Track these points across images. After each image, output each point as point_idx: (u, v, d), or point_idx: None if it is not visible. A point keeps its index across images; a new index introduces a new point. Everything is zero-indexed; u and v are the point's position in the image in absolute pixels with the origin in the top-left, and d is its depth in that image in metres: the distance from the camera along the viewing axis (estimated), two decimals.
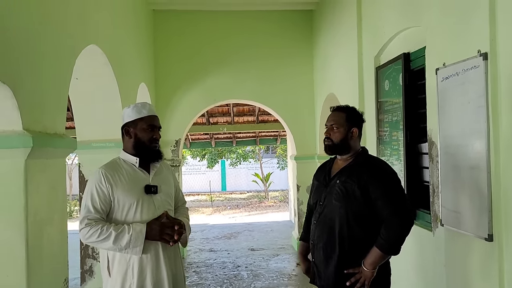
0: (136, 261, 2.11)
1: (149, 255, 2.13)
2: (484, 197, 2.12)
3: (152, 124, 2.23)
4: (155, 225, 2.12)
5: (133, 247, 2.07)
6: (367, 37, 4.02)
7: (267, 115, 9.59)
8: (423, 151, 3.07)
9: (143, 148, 2.22)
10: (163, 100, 6.26)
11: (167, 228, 2.13)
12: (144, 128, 2.21)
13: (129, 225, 2.09)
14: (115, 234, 2.04)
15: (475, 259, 2.27)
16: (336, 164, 2.35)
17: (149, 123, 2.22)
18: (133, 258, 2.11)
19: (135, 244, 2.07)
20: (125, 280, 2.11)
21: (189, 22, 6.33)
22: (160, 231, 2.11)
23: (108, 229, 2.05)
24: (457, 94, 2.36)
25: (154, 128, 2.24)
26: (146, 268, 2.12)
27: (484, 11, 2.10)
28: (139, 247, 2.07)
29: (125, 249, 2.08)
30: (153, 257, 2.14)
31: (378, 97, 3.73)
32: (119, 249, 2.08)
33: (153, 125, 2.23)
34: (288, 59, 6.50)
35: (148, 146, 2.21)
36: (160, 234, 2.11)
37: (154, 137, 2.23)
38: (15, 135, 2.04)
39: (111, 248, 2.08)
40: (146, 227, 2.09)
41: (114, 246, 2.06)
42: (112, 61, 3.67)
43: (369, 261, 2.11)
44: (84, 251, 4.03)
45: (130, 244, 2.06)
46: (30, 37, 2.19)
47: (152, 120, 2.24)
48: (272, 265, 6.04)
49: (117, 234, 2.05)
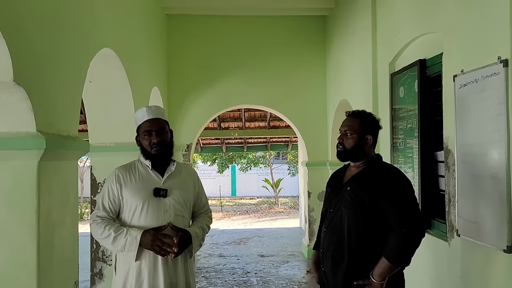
0: (135, 265, 2.14)
1: (147, 261, 2.14)
2: (504, 207, 2.05)
3: (148, 130, 2.22)
4: (149, 233, 2.10)
5: (128, 251, 2.11)
6: (382, 43, 3.98)
7: (278, 120, 9.57)
8: (438, 159, 3.01)
9: (147, 154, 2.24)
10: (175, 104, 6.27)
11: (159, 240, 2.09)
12: (143, 136, 2.24)
13: (128, 229, 2.12)
14: (114, 235, 2.10)
15: (493, 271, 2.20)
16: (349, 171, 2.30)
17: (145, 129, 2.23)
18: (132, 261, 2.13)
19: (129, 249, 2.10)
20: (127, 280, 2.16)
21: (202, 27, 6.35)
22: (152, 241, 2.09)
23: (110, 229, 2.11)
24: (475, 101, 2.31)
25: (151, 133, 2.22)
26: (144, 272, 2.14)
27: (505, 16, 2.05)
28: (133, 253, 2.10)
29: (121, 252, 2.13)
30: (151, 263, 2.14)
31: (393, 104, 3.68)
32: (116, 250, 2.15)
33: (149, 130, 2.22)
34: (301, 65, 6.47)
35: (149, 152, 2.22)
36: (151, 244, 2.09)
37: (152, 141, 2.21)
38: (29, 136, 2.03)
39: (111, 248, 2.16)
40: (141, 234, 2.09)
41: (112, 246, 2.13)
42: (125, 65, 3.68)
43: (377, 272, 2.04)
44: (94, 254, 4.03)
45: (125, 248, 2.10)
46: (45, 40, 2.20)
47: (146, 126, 2.23)
48: (282, 272, 5.98)
49: (115, 236, 2.10)
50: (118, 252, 2.15)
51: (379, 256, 2.05)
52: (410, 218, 2.04)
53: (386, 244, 2.04)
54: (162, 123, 2.27)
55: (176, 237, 2.12)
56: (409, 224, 2.03)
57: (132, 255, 2.10)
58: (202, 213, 2.43)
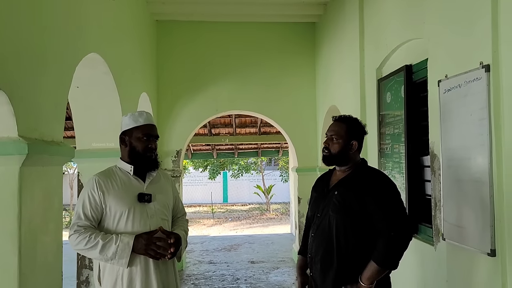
0: (126, 272, 2.07)
1: (138, 267, 2.08)
2: (487, 211, 2.07)
3: (148, 133, 2.19)
4: (142, 238, 2.06)
5: (119, 259, 2.02)
6: (369, 49, 4.01)
7: (269, 126, 9.58)
8: (425, 164, 3.03)
9: (138, 157, 2.19)
10: (164, 110, 6.25)
11: (153, 244, 2.06)
12: (139, 137, 2.18)
13: (117, 235, 2.05)
14: (102, 243, 2.01)
15: (478, 275, 2.21)
16: (334, 176, 2.31)
17: (145, 132, 2.18)
18: (122, 268, 2.06)
19: (121, 256, 2.02)
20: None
21: (192, 33, 6.35)
22: (146, 245, 2.05)
23: (96, 238, 2.02)
24: (459, 106, 2.33)
25: (150, 137, 2.20)
26: (136, 279, 2.07)
27: (487, 22, 2.08)
28: (125, 259, 2.02)
29: (111, 260, 2.03)
30: (142, 268, 2.08)
31: (380, 110, 3.70)
32: (105, 259, 2.04)
33: (148, 134, 2.19)
34: (291, 71, 6.50)
35: (142, 155, 2.18)
36: (145, 248, 2.05)
37: (150, 146, 2.19)
38: (10, 141, 2.00)
39: (98, 257, 2.04)
40: (134, 240, 2.04)
41: (100, 255, 2.02)
42: (113, 70, 3.66)
43: (366, 276, 2.05)
44: (81, 262, 3.97)
45: (116, 255, 2.01)
46: (28, 43, 2.18)
47: (148, 129, 2.20)
48: (272, 278, 5.95)
49: (104, 244, 2.01)
50: (108, 261, 2.04)
51: (367, 260, 2.06)
52: (398, 222, 2.06)
53: (375, 247, 2.05)
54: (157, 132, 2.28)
55: (172, 238, 2.10)
56: (397, 228, 2.04)
57: (123, 262, 2.03)
58: (180, 217, 2.42)
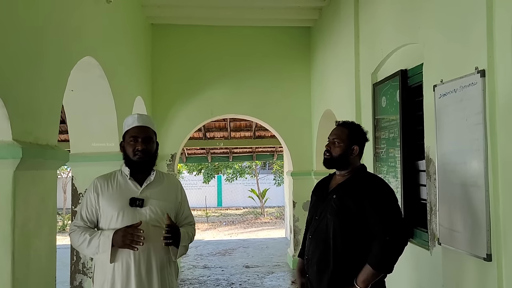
0: (109, 275, 2.13)
1: (120, 271, 2.12)
2: (483, 215, 2.07)
3: (135, 136, 2.20)
4: (120, 230, 2.10)
5: (102, 252, 2.10)
6: (364, 53, 4.02)
7: (264, 130, 9.58)
8: (420, 168, 3.04)
9: (129, 161, 2.22)
10: (159, 113, 6.23)
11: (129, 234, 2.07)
12: (128, 141, 2.21)
13: (102, 231, 2.15)
14: (89, 239, 2.12)
15: (474, 279, 2.21)
16: (334, 180, 2.34)
17: (132, 135, 2.20)
18: (108, 271, 2.13)
19: (103, 249, 2.10)
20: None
21: (187, 37, 6.35)
22: (123, 236, 2.07)
23: (85, 234, 2.14)
24: (454, 111, 2.34)
25: (137, 139, 2.19)
26: (117, 284, 2.12)
27: (482, 28, 2.09)
28: (107, 253, 2.09)
29: (97, 254, 2.13)
30: (124, 273, 2.12)
31: (375, 114, 3.71)
32: (92, 253, 2.15)
33: (135, 137, 2.19)
34: (286, 75, 6.51)
35: (131, 158, 2.20)
36: (123, 239, 2.07)
37: (136, 148, 2.18)
38: (4, 145, 1.98)
39: (88, 252, 2.17)
40: (114, 233, 2.09)
41: (87, 249, 2.14)
42: (108, 74, 3.64)
43: (361, 279, 2.07)
44: (74, 266, 3.93)
45: (99, 248, 2.10)
46: (23, 47, 2.16)
47: (135, 131, 2.20)
48: (267, 283, 5.93)
49: (90, 239, 2.12)
50: (95, 254, 2.14)
51: (363, 263, 2.08)
52: (394, 226, 2.08)
53: (370, 251, 2.07)
54: (150, 132, 2.26)
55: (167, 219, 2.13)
56: (393, 232, 2.06)
57: (106, 256, 2.08)
58: (186, 224, 2.36)
